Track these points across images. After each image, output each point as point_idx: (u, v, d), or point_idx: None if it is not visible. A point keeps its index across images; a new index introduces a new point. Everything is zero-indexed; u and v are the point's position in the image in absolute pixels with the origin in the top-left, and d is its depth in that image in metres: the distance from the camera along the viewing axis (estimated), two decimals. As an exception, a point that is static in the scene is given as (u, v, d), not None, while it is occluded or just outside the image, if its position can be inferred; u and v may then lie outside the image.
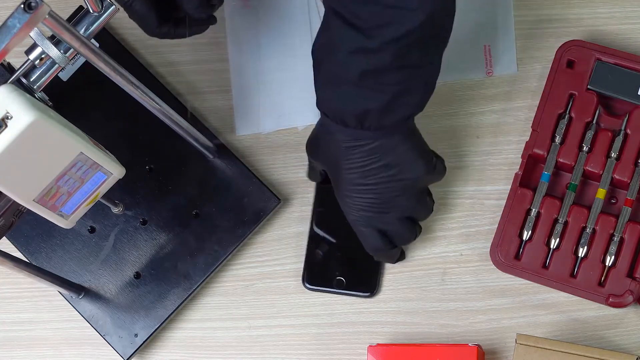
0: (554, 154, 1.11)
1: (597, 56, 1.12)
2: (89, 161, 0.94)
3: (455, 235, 1.14)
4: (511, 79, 1.16)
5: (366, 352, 1.09)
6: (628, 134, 1.11)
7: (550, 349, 1.04)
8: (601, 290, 1.08)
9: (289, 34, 1.18)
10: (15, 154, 0.87)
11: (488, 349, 1.11)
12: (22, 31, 0.84)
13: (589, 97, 1.12)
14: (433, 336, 1.12)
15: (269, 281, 1.16)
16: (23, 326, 1.17)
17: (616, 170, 1.10)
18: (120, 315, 1.14)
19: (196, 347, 1.15)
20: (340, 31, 0.94)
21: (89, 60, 0.95)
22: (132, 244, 1.16)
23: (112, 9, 0.95)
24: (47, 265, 1.16)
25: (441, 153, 1.08)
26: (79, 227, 1.16)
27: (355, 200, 1.03)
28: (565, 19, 1.16)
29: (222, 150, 1.16)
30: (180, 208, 1.16)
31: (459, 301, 1.13)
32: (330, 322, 1.14)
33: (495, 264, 1.11)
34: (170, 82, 1.20)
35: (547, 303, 1.12)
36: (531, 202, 1.11)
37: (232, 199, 1.15)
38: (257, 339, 1.15)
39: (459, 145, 1.15)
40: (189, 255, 1.15)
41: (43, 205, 0.93)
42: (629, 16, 1.16)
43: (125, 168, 0.98)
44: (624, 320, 1.10)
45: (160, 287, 1.14)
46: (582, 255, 1.09)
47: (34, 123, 0.86)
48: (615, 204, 1.12)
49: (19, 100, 0.86)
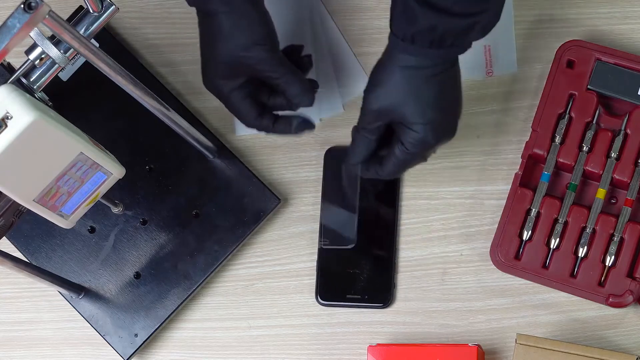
0: (554, 154, 1.11)
1: (597, 56, 1.12)
2: (89, 161, 0.94)
3: (455, 235, 1.14)
4: (511, 79, 1.16)
5: (366, 352, 1.09)
6: (628, 134, 1.11)
7: (550, 349, 1.04)
8: (601, 290, 1.08)
9: (289, 34, 1.18)
10: (15, 154, 0.87)
11: (488, 349, 1.11)
12: (22, 31, 0.84)
13: (589, 97, 1.12)
14: (433, 336, 1.12)
15: (269, 281, 1.16)
16: (23, 326, 1.17)
17: (616, 170, 1.10)
18: (120, 315, 1.14)
19: (196, 347, 1.15)
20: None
21: (89, 60, 0.95)
22: (132, 244, 1.16)
23: (112, 9, 0.95)
24: (47, 265, 1.16)
25: (441, 153, 1.08)
26: (79, 227, 1.16)
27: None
28: (565, 19, 1.16)
29: (222, 150, 1.16)
30: (180, 208, 1.16)
31: (459, 301, 1.13)
32: (330, 322, 1.14)
33: (495, 264, 1.11)
34: (170, 82, 1.20)
35: (547, 303, 1.12)
36: (531, 202, 1.11)
37: (232, 199, 1.15)
38: (257, 339, 1.15)
39: (459, 145, 1.15)
40: (189, 255, 1.15)
41: (43, 205, 0.93)
42: (629, 16, 1.16)
43: (125, 168, 0.99)
44: (624, 320, 1.10)
45: (160, 287, 1.14)
46: (582, 255, 1.09)
47: (34, 123, 0.86)
48: (615, 204, 1.12)
49: (19, 100, 0.86)
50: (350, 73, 1.18)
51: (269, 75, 1.06)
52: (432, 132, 1.02)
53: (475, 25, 0.97)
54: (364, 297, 1.13)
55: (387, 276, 1.13)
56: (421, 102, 1.01)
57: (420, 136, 1.02)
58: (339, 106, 1.17)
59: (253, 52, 1.04)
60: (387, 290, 1.13)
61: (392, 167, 1.05)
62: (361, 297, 1.13)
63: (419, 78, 1.00)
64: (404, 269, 1.14)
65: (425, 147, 1.03)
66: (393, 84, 1.01)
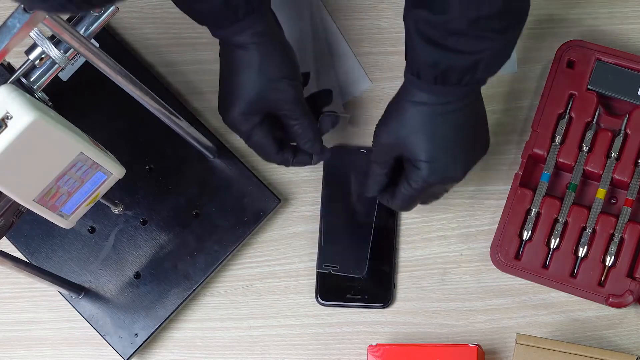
0: (554, 154, 1.11)
1: (597, 56, 1.12)
2: (89, 161, 0.94)
3: (455, 235, 1.14)
4: (511, 79, 1.16)
5: (366, 352, 1.09)
6: (628, 134, 1.11)
7: (550, 349, 1.04)
8: (601, 290, 1.08)
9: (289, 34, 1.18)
10: (15, 154, 0.87)
11: (488, 349, 1.11)
12: (22, 31, 0.84)
13: (589, 97, 1.12)
14: (433, 336, 1.12)
15: (269, 281, 1.16)
16: (23, 326, 1.17)
17: (616, 170, 1.10)
18: (120, 315, 1.14)
19: (196, 347, 1.15)
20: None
21: (89, 60, 0.95)
22: (132, 244, 1.16)
23: (112, 9, 0.95)
24: (47, 265, 1.16)
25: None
26: (79, 227, 1.16)
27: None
28: (565, 19, 1.16)
29: (222, 150, 1.16)
30: (180, 208, 1.16)
31: (459, 301, 1.13)
32: (330, 322, 1.14)
33: (495, 264, 1.11)
34: (170, 82, 1.20)
35: (547, 303, 1.12)
36: (531, 202, 1.11)
37: (232, 199, 1.15)
38: (257, 339, 1.15)
39: (459, 145, 1.15)
40: (189, 255, 1.15)
41: (43, 205, 0.93)
42: (629, 16, 1.16)
43: (125, 168, 0.98)
44: (624, 320, 1.10)
45: (160, 287, 1.14)
46: (582, 255, 1.09)
47: (34, 123, 0.86)
48: (615, 204, 1.12)
49: (19, 100, 0.86)
50: (350, 73, 1.18)
51: (289, 115, 1.06)
52: (435, 171, 1.01)
53: (479, 64, 0.97)
54: (364, 297, 1.13)
55: (387, 276, 1.13)
56: (427, 140, 1.00)
57: (423, 174, 1.01)
58: (339, 106, 1.17)
59: (281, 86, 1.04)
60: (387, 290, 1.13)
61: (399, 201, 1.06)
62: (361, 297, 1.13)
63: (427, 115, 1.00)
64: (404, 269, 1.14)
65: (428, 185, 1.03)
66: (402, 119, 1.01)
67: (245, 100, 1.04)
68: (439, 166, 1.01)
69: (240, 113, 1.05)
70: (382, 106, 1.12)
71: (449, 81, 0.97)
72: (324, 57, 1.18)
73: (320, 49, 1.18)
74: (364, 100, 1.17)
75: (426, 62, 0.97)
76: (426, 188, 1.03)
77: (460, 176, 1.03)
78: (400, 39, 1.16)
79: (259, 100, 1.04)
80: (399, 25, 1.17)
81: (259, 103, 1.04)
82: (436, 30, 0.95)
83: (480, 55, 0.96)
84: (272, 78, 1.03)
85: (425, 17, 0.95)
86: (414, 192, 1.03)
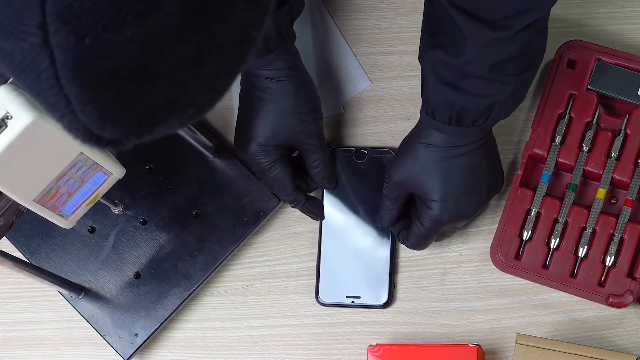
0: (554, 154, 1.11)
1: (597, 56, 1.12)
2: (89, 161, 0.94)
3: (455, 235, 1.14)
4: (511, 79, 1.16)
5: (366, 352, 1.09)
6: (628, 134, 1.11)
7: (550, 349, 1.04)
8: (601, 290, 1.08)
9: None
10: (15, 154, 0.87)
11: (488, 349, 1.11)
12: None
13: (589, 97, 1.12)
14: (433, 336, 1.12)
15: (269, 281, 1.16)
16: (23, 326, 1.17)
17: (616, 170, 1.10)
18: (120, 315, 1.14)
19: (196, 347, 1.15)
20: (467, 25, 0.93)
21: (89, 60, 0.95)
22: (132, 244, 1.16)
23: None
24: (47, 265, 1.16)
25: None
26: (79, 227, 1.16)
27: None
28: (565, 19, 1.16)
29: (222, 150, 1.16)
30: (180, 208, 1.16)
31: (459, 301, 1.13)
32: (330, 322, 1.14)
33: (495, 264, 1.11)
34: (170, 82, 1.20)
35: (547, 303, 1.12)
36: (531, 202, 1.11)
37: (232, 199, 1.15)
38: (257, 339, 1.15)
39: (459, 145, 1.15)
40: (189, 255, 1.15)
41: (43, 205, 0.93)
42: (629, 16, 1.16)
43: (125, 168, 0.98)
44: (624, 320, 1.10)
45: (160, 287, 1.14)
46: (582, 255, 1.09)
47: (34, 123, 0.86)
48: (615, 204, 1.12)
49: (19, 100, 0.86)
50: (350, 73, 1.18)
51: (311, 149, 1.06)
52: (447, 211, 1.02)
53: (494, 105, 0.97)
54: (364, 297, 1.13)
55: (389, 276, 1.13)
56: (439, 180, 1.01)
57: (434, 213, 1.03)
58: (339, 106, 1.17)
59: (308, 118, 1.04)
60: (387, 290, 1.13)
61: (413, 240, 1.07)
62: (361, 297, 1.13)
63: (441, 155, 1.00)
64: (404, 269, 1.14)
65: (440, 224, 1.04)
66: (416, 158, 1.02)
67: (269, 132, 1.04)
68: (451, 206, 1.03)
69: (262, 145, 1.05)
70: (382, 106, 1.13)
71: (463, 122, 0.98)
72: (324, 57, 1.18)
73: (320, 48, 1.18)
74: (363, 100, 1.17)
75: (441, 102, 0.97)
76: (438, 227, 1.05)
77: (471, 216, 1.06)
78: (400, 38, 1.16)
79: (283, 132, 1.04)
80: (398, 25, 1.18)
81: (282, 135, 1.04)
82: (452, 72, 0.96)
83: (495, 98, 0.97)
84: (299, 111, 1.04)
85: (441, 59, 0.96)
86: (426, 231, 1.05)
